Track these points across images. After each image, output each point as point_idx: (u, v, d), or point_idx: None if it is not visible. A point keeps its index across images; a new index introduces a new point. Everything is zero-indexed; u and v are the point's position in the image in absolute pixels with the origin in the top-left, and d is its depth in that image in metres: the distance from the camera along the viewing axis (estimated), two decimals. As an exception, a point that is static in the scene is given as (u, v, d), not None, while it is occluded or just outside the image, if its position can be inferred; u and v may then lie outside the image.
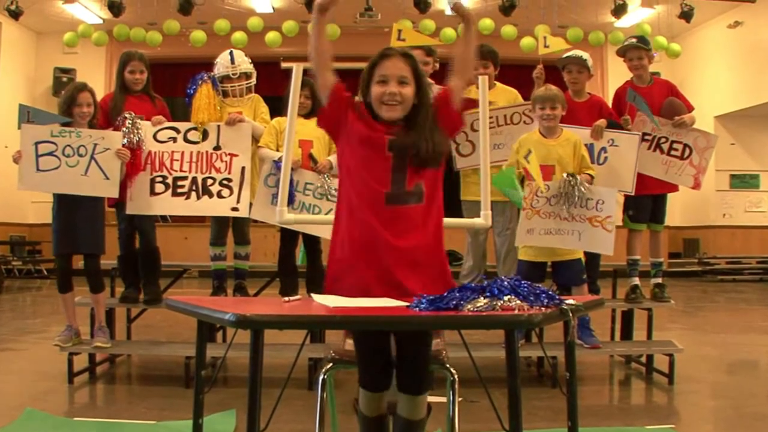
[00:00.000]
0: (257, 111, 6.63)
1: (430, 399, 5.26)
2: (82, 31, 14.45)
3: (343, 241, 3.41)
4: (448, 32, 14.06)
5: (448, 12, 14.47)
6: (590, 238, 5.79)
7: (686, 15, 13.78)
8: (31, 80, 17.18)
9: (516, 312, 2.63)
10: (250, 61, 6.74)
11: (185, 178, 6.24)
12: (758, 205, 17.31)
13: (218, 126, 6.30)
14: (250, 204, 6.26)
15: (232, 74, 6.56)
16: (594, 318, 6.12)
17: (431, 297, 2.81)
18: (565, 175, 5.78)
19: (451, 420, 3.79)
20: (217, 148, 6.27)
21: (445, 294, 2.80)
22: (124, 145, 6.04)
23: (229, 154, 6.27)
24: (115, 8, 13.21)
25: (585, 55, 6.68)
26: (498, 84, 6.74)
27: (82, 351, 6.11)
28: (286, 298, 3.28)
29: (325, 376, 3.82)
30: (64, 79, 15.82)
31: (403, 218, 3.32)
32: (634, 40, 6.90)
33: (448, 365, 3.84)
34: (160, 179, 6.21)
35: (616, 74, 16.03)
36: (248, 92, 6.68)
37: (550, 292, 2.82)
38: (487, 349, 5.92)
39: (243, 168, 6.23)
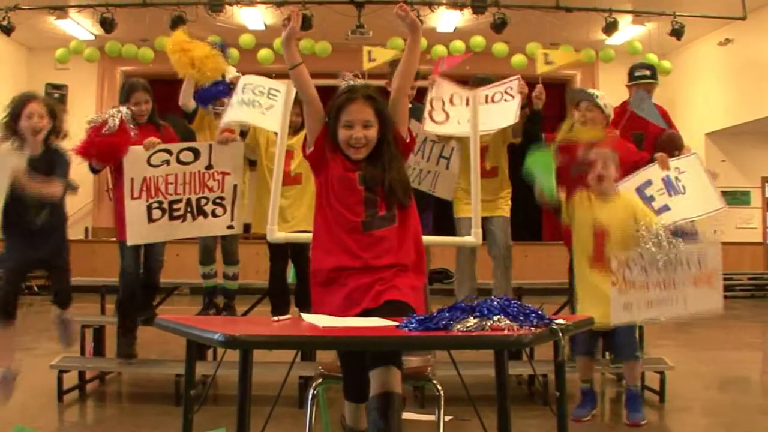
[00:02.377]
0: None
1: (420, 417, 5.28)
2: (73, 47, 14.45)
3: (324, 258, 3.71)
4: (440, 49, 14.11)
5: (440, 29, 14.58)
6: (696, 300, 4.99)
7: (677, 32, 13.82)
8: (23, 96, 17.13)
9: (506, 332, 2.63)
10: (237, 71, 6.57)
11: (180, 200, 6.05)
12: (749, 221, 17.35)
13: (210, 145, 6.14)
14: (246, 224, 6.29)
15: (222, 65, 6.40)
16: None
17: (421, 317, 2.81)
18: (644, 230, 5.07)
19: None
20: (209, 167, 6.10)
21: (435, 314, 2.81)
22: (106, 133, 5.86)
23: (221, 172, 6.12)
24: (106, 24, 13.21)
25: (599, 93, 6.25)
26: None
27: (72, 369, 6.09)
28: (276, 318, 3.29)
29: (315, 391, 3.84)
30: (56, 95, 15.76)
31: (380, 241, 3.64)
32: (647, 71, 6.76)
33: (435, 382, 3.86)
34: (156, 205, 5.99)
35: (607, 92, 16.01)
36: None
37: (539, 312, 2.82)
38: (478, 367, 5.91)
39: (235, 186, 6.12)
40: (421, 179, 6.16)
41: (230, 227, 6.15)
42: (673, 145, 6.22)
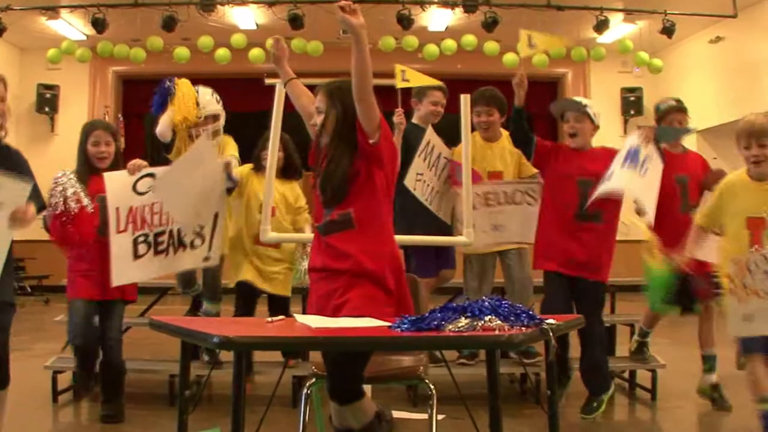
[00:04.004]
0: (225, 153, 6.06)
1: (413, 416, 5.31)
2: (65, 48, 14.41)
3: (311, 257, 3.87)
4: (431, 48, 14.12)
5: (431, 28, 14.58)
6: None
7: (668, 30, 13.83)
8: (15, 97, 17.00)
9: (497, 332, 2.66)
10: (218, 99, 6.20)
11: (164, 232, 5.44)
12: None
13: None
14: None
15: (197, 116, 6.03)
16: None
17: (413, 317, 2.84)
18: None
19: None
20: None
21: (427, 314, 2.84)
22: (60, 212, 4.94)
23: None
24: (98, 25, 13.17)
25: (585, 100, 5.81)
26: (504, 132, 6.23)
27: (66, 370, 6.10)
28: (269, 319, 3.32)
29: (309, 391, 3.88)
30: (48, 96, 15.80)
31: (335, 246, 3.66)
32: (673, 102, 6.16)
33: (428, 381, 3.90)
34: (142, 239, 5.38)
35: (598, 90, 16.17)
36: (215, 136, 6.10)
37: (530, 312, 2.85)
38: (470, 366, 5.94)
39: (216, 214, 5.57)
40: (431, 199, 6.04)
41: (206, 258, 5.60)
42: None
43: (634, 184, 5.25)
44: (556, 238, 5.46)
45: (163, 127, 6.06)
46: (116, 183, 5.30)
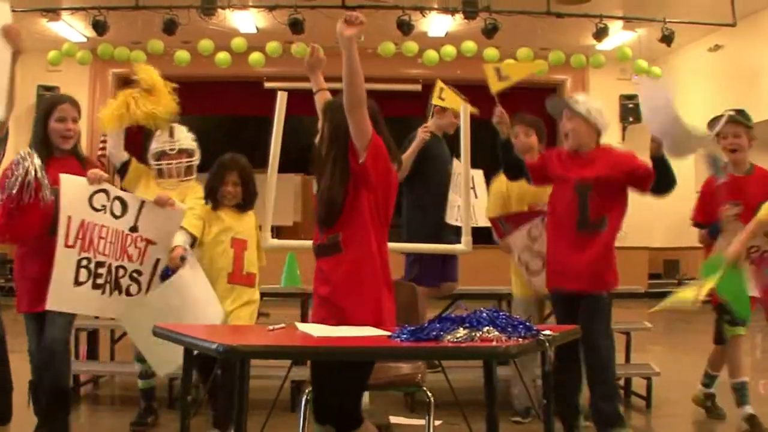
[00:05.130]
0: (188, 197, 5.21)
1: (410, 421, 5.34)
2: (66, 50, 14.48)
3: None
4: (431, 54, 14.19)
5: (431, 34, 14.63)
6: None
7: (667, 38, 13.90)
8: (15, 98, 17.10)
9: (494, 343, 2.71)
10: (194, 138, 5.55)
11: (104, 264, 4.66)
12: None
13: (142, 201, 4.86)
14: None
15: (170, 150, 5.39)
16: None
17: (412, 327, 2.89)
18: None
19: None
20: (133, 229, 4.79)
21: (426, 324, 2.89)
22: (13, 198, 4.28)
23: (145, 239, 4.83)
24: (99, 27, 13.23)
25: (581, 97, 5.19)
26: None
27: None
28: (271, 327, 3.35)
29: (308, 397, 3.92)
30: (48, 97, 15.81)
31: (323, 269, 3.63)
32: (732, 112, 5.50)
33: (425, 389, 3.94)
34: (85, 262, 4.58)
35: (597, 97, 15.91)
36: (188, 173, 5.45)
37: (527, 324, 2.89)
38: (467, 372, 5.97)
39: (158, 261, 4.88)
40: (458, 216, 6.03)
41: None
42: None
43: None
44: (555, 252, 4.98)
45: (114, 146, 5.49)
46: (73, 189, 4.56)
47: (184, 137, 5.47)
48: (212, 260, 5.02)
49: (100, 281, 4.61)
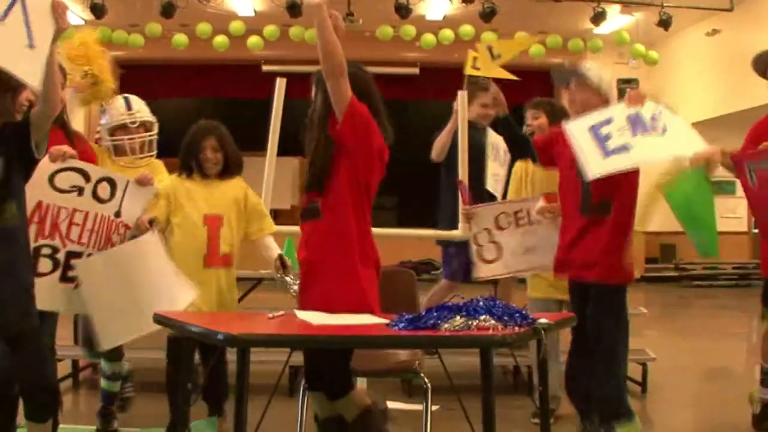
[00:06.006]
0: (156, 179, 4.60)
1: (408, 406, 5.39)
2: (63, 33, 14.45)
3: None
4: (428, 38, 14.17)
5: (429, 17, 14.60)
6: None
7: (664, 23, 13.87)
8: (12, 80, 17.06)
9: (491, 332, 2.74)
10: (150, 111, 5.11)
11: (81, 254, 4.13)
12: (734, 211, 17.43)
13: (127, 182, 4.33)
14: None
15: (130, 123, 4.93)
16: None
17: (410, 316, 2.93)
18: None
19: (425, 427, 3.96)
20: (117, 214, 4.29)
21: (424, 313, 2.92)
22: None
23: (125, 225, 4.33)
24: (97, 10, 13.18)
25: (590, 65, 4.89)
26: None
27: (65, 358, 6.15)
28: (271, 314, 3.38)
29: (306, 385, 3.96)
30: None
31: (305, 234, 3.73)
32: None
33: (423, 375, 3.99)
34: (48, 251, 4.06)
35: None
36: (149, 149, 5.01)
37: (523, 312, 2.93)
38: (463, 355, 6.00)
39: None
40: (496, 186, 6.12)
41: None
42: None
43: (663, 146, 4.46)
44: (563, 239, 4.73)
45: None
46: None
47: (142, 109, 5.03)
48: (183, 243, 4.53)
49: (72, 274, 4.10)
